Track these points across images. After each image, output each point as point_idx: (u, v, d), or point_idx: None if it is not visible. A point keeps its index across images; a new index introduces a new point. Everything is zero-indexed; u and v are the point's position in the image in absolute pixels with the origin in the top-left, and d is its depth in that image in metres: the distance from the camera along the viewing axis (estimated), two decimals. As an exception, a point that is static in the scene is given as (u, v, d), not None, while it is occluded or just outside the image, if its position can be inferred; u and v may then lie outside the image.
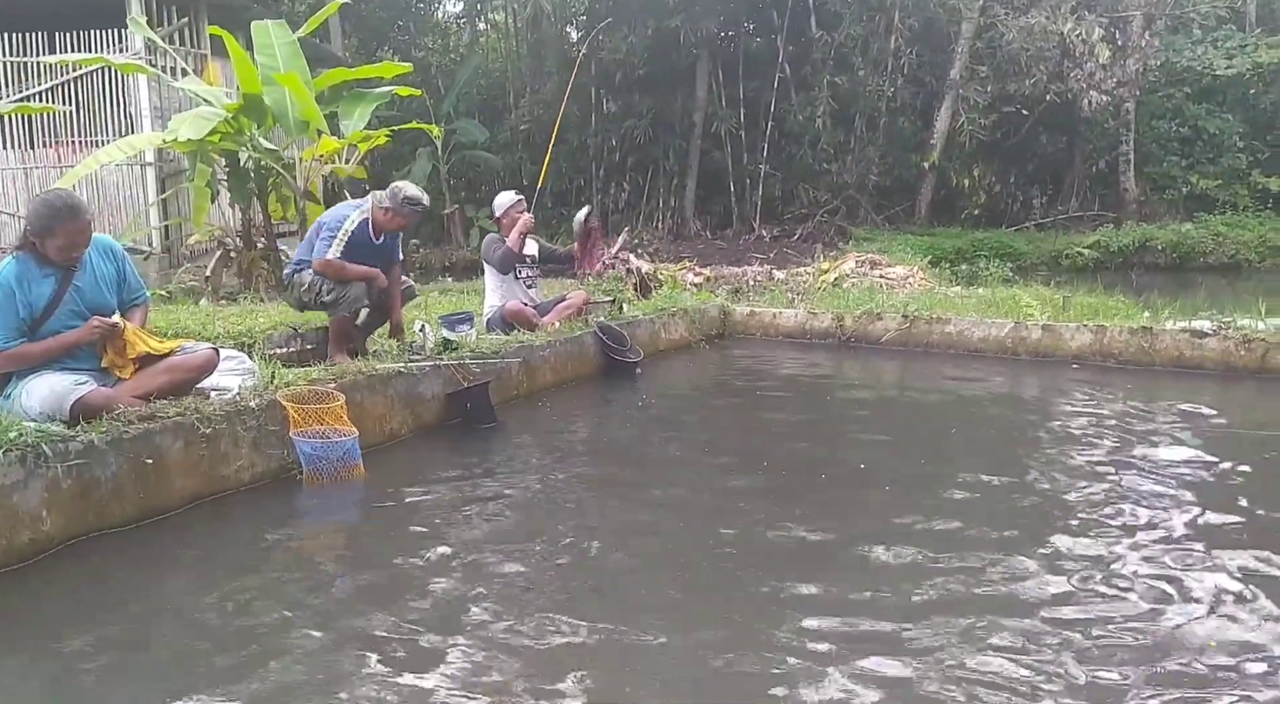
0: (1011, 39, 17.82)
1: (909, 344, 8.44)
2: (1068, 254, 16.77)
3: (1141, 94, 19.23)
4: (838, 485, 4.87)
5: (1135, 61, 18.04)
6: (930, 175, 19.36)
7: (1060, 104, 18.27)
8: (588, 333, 7.43)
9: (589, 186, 20.62)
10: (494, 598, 3.39)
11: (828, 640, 3.07)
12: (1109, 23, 18.14)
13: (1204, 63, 19.90)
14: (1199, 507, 4.33)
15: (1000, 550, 3.84)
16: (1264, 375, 6.85)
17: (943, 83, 18.80)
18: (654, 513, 4.43)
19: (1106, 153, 19.96)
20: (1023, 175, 20.43)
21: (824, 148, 18.86)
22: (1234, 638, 3.08)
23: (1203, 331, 7.27)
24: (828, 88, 18.60)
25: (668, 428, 6.16)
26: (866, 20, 18.47)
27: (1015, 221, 19.46)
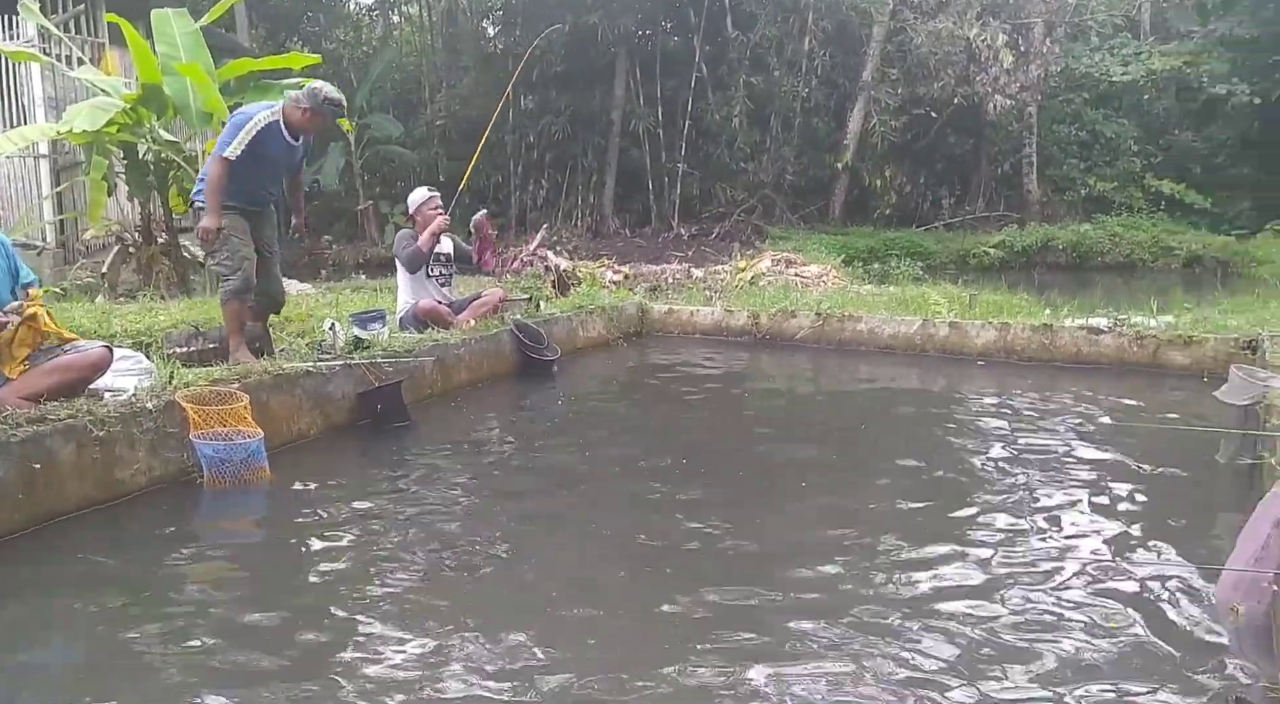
0: (920, 43, 18.29)
1: (822, 341, 8.58)
2: (975, 253, 17.28)
3: (1043, 99, 19.93)
4: (753, 482, 4.92)
5: (1037, 67, 18.70)
6: (843, 175, 19.74)
7: (967, 107, 18.81)
8: (504, 331, 7.36)
9: (507, 184, 20.46)
10: (397, 610, 3.30)
11: (747, 633, 3.11)
12: (1012, 29, 18.75)
13: (1101, 69, 20.73)
14: (1094, 492, 4.51)
15: (914, 538, 3.93)
16: (1155, 370, 7.16)
17: (855, 84, 19.19)
18: (568, 515, 4.41)
19: (1011, 155, 20.63)
20: (932, 176, 20.98)
21: (741, 147, 19.06)
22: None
23: (1099, 329, 7.57)
24: (744, 87, 18.80)
25: (584, 427, 6.14)
26: (781, 21, 18.73)
27: (925, 221, 19.97)
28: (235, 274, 5.77)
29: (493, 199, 20.66)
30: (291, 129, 5.84)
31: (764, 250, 15.18)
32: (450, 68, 21.16)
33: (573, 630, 3.16)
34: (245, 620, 3.22)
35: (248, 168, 5.72)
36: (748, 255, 14.69)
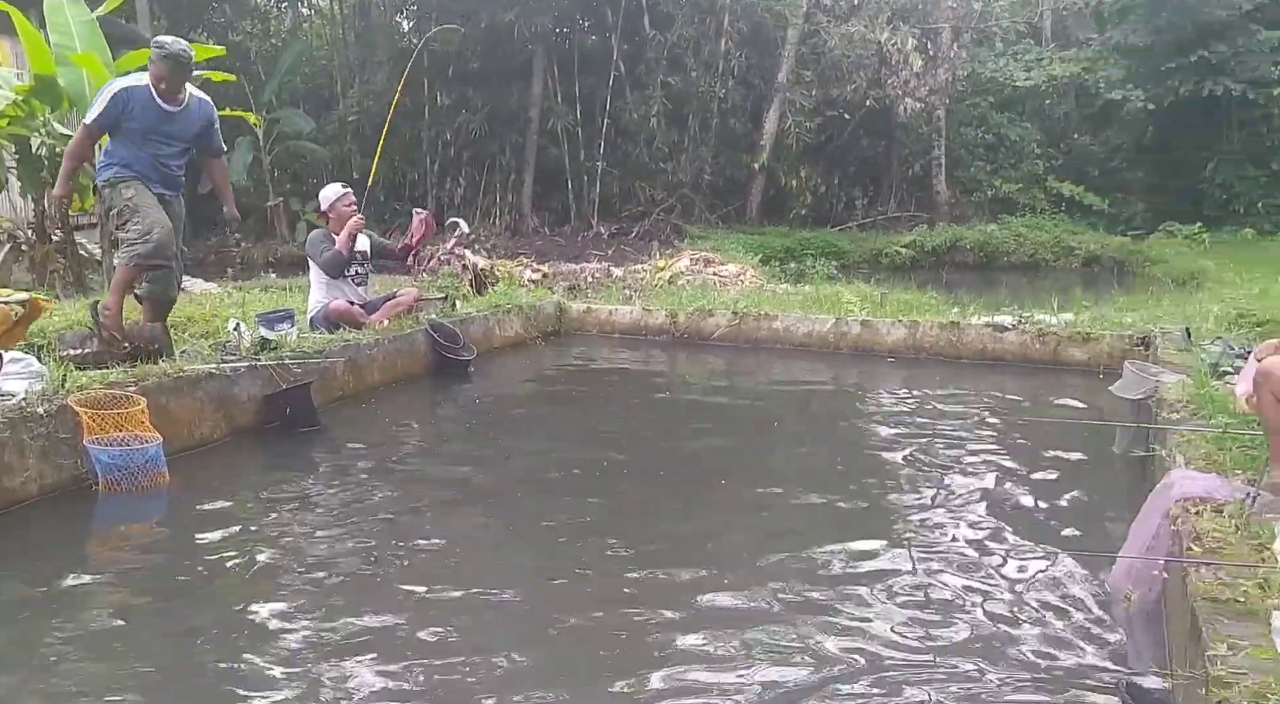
0: (834, 46, 18.61)
1: (739, 340, 8.67)
2: (887, 253, 17.64)
3: (951, 102, 20.47)
4: (673, 481, 4.94)
5: (945, 71, 19.20)
6: (760, 176, 19.96)
7: (879, 109, 19.20)
8: (419, 331, 7.25)
9: (423, 181, 20.14)
10: (300, 626, 3.22)
11: (670, 630, 3.11)
12: (921, 34, 19.22)
13: (1005, 74, 21.39)
14: (996, 484, 4.65)
15: (830, 530, 4.00)
16: (1056, 366, 7.43)
17: (770, 86, 19.42)
18: (483, 519, 4.35)
19: (921, 157, 21.14)
20: (846, 177, 21.36)
21: (659, 147, 19.12)
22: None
23: (1003, 326, 7.81)
24: (661, 87, 18.86)
25: (500, 428, 6.08)
26: (698, 22, 18.84)
27: (839, 221, 20.32)
28: (144, 239, 5.43)
29: (408, 197, 20.32)
30: (160, 93, 5.48)
31: (683, 249, 15.24)
32: (363, 62, 20.72)
33: (477, 643, 3.12)
34: (137, 635, 3.10)
35: (129, 139, 5.48)
36: (667, 254, 14.73)
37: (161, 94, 5.48)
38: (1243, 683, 2.10)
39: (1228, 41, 17.89)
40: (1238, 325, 7.14)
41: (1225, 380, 4.89)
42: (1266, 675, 2.13)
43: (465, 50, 18.82)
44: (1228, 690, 2.08)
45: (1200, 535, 2.95)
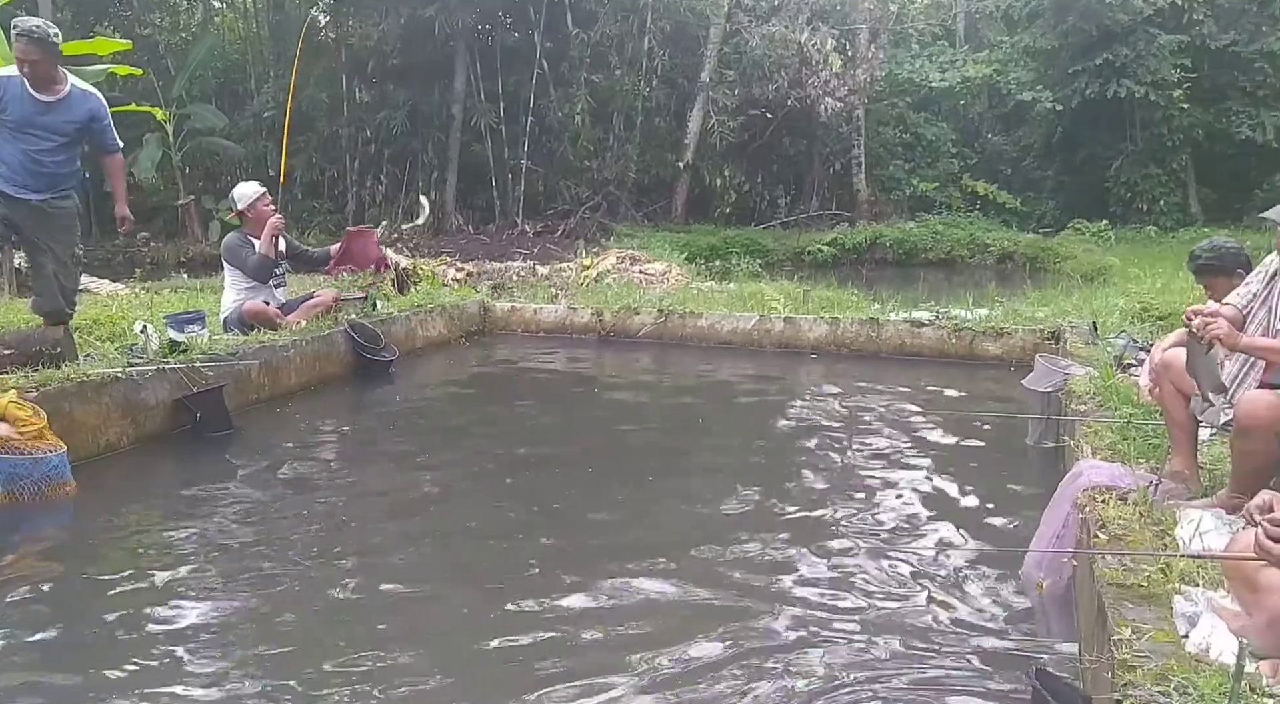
0: (755, 46, 18.80)
1: (664, 337, 8.70)
2: (809, 251, 17.90)
3: (870, 102, 20.86)
4: (600, 479, 4.92)
5: (863, 72, 19.55)
6: (685, 174, 20.06)
7: (800, 109, 19.46)
8: (338, 331, 7.09)
9: (343, 178, 19.74)
10: (210, 636, 3.12)
11: (600, 626, 3.10)
12: (840, 34, 19.54)
13: (921, 75, 21.89)
14: (913, 476, 4.75)
15: (752, 523, 4.03)
16: (972, 360, 7.62)
17: (694, 85, 19.53)
18: (405, 522, 4.27)
19: (841, 156, 21.49)
20: (769, 176, 21.61)
21: (584, 145, 19.07)
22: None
23: (921, 322, 7.99)
24: (586, 85, 18.82)
25: (422, 430, 5.99)
26: (621, 20, 18.84)
27: (763, 220, 20.55)
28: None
29: (328, 195, 19.91)
30: (31, 82, 5.08)
31: (609, 248, 15.25)
32: (278, 57, 20.20)
33: (400, 647, 3.06)
34: (36, 649, 2.96)
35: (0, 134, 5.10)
36: (593, 253, 14.70)
37: (33, 83, 5.07)
38: (1146, 666, 2.17)
39: (1129, 45, 18.60)
40: (1141, 319, 7.43)
41: (1129, 372, 5.08)
42: (1169, 658, 2.21)
43: (385, 46, 18.50)
44: (1132, 674, 2.15)
45: (1106, 523, 3.05)
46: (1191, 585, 2.63)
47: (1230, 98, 19.51)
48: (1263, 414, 3.05)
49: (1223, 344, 3.21)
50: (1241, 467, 3.17)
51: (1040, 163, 22.15)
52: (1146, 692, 2.06)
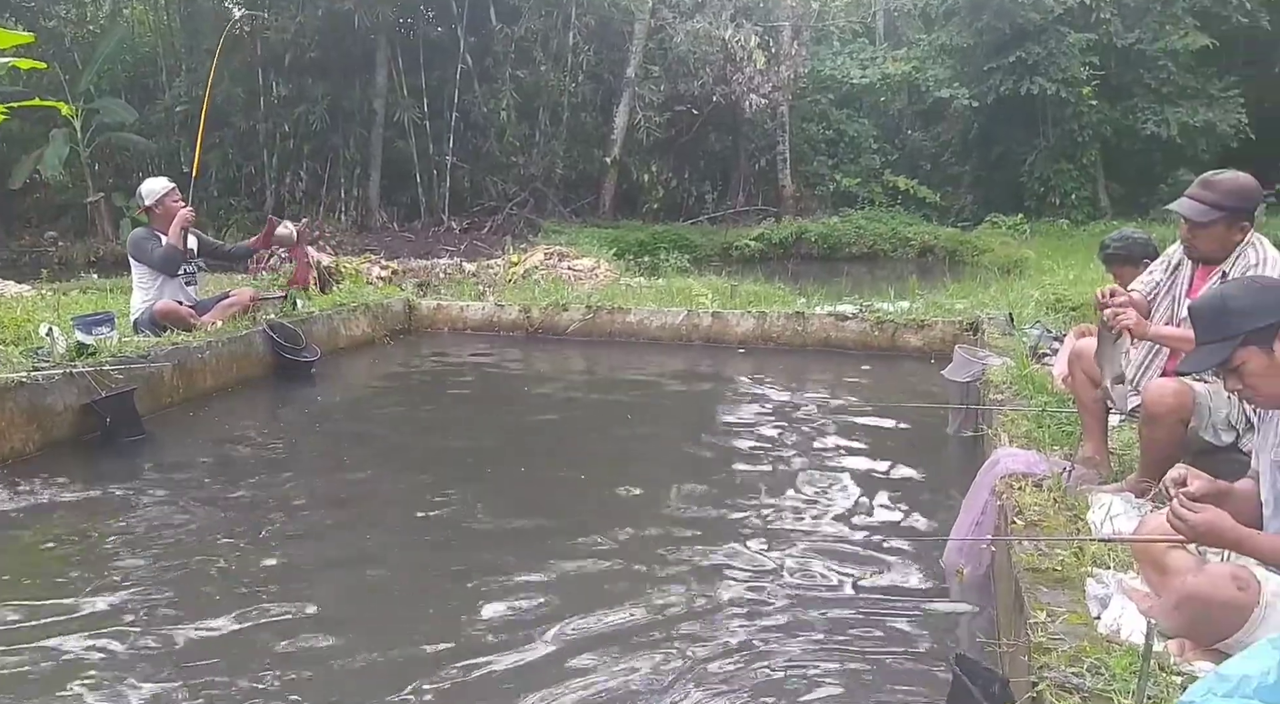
0: (680, 42, 18.86)
1: (593, 334, 8.67)
2: (737, 246, 18.03)
3: (793, 98, 21.09)
4: (531, 477, 4.88)
5: (787, 68, 19.76)
6: (612, 170, 20.03)
7: (725, 105, 19.59)
8: (256, 331, 6.91)
9: (261, 175, 19.23)
10: (121, 645, 3.01)
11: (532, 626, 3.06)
12: (763, 31, 19.72)
13: (843, 72, 22.21)
14: (837, 466, 4.82)
15: (679, 515, 4.04)
16: (894, 352, 7.77)
17: (620, 81, 19.50)
18: (326, 530, 4.16)
19: (766, 152, 21.70)
20: (696, 171, 21.71)
21: (510, 140, 18.91)
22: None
23: (845, 315, 8.11)
24: (511, 81, 18.65)
25: (344, 431, 5.87)
26: (545, 16, 18.72)
27: (691, 215, 20.64)
28: None
29: (245, 192, 19.38)
30: None
31: (537, 244, 15.15)
32: (191, 50, 19.58)
33: (319, 659, 2.99)
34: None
35: None
36: (520, 249, 14.58)
37: None
38: (1060, 648, 2.23)
39: (1041, 43, 19.14)
40: (1055, 310, 7.65)
41: (1044, 362, 5.23)
42: (1082, 640, 2.27)
43: (302, 39, 18.07)
44: (1047, 656, 2.20)
45: (1022, 509, 3.13)
46: (1103, 568, 2.71)
47: (1136, 95, 20.23)
48: (1169, 401, 3.17)
49: (1132, 334, 3.32)
50: (1149, 452, 3.28)
51: (958, 158, 22.67)
52: (1061, 673, 2.12)
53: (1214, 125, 19.60)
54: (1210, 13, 19.79)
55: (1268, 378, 2.18)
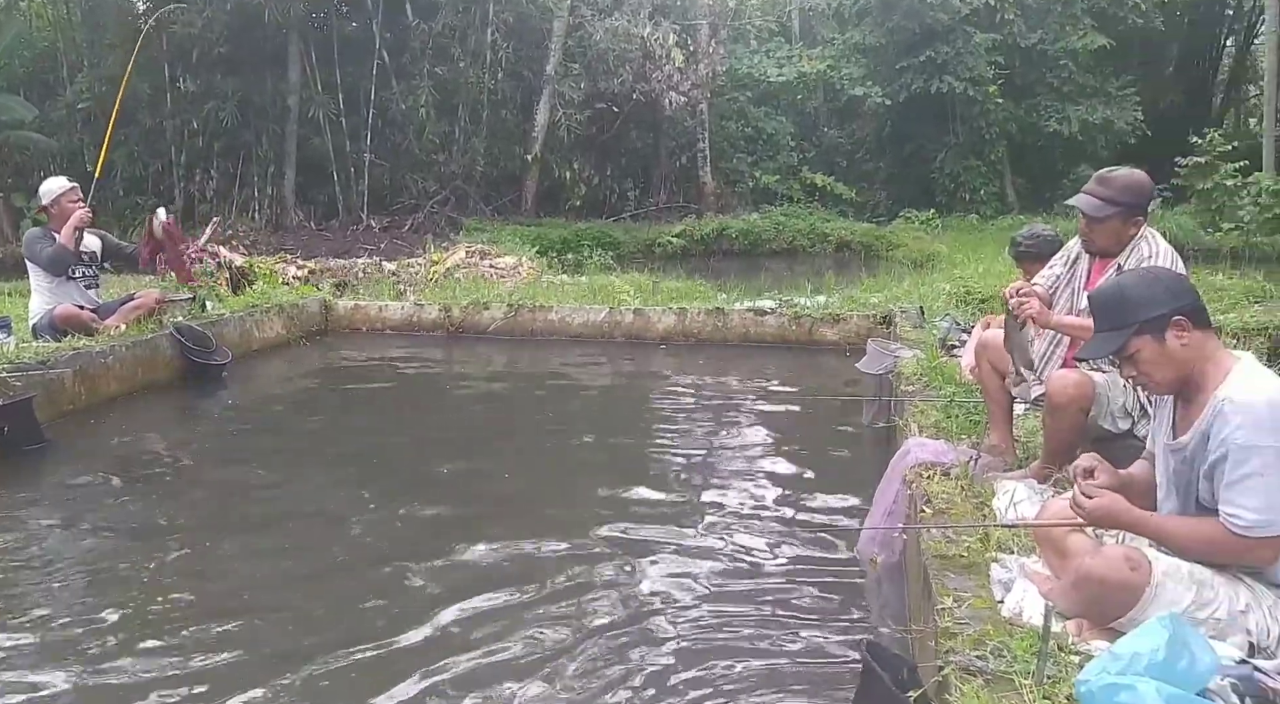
0: (599, 39, 18.85)
1: (515, 332, 8.63)
2: (659, 243, 18.11)
3: (712, 97, 21.28)
4: (455, 479, 4.82)
5: (705, 66, 19.93)
6: (534, 167, 19.93)
7: (646, 103, 19.65)
8: (163, 334, 6.69)
9: (169, 173, 18.60)
10: (25, 662, 2.89)
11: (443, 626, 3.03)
12: (681, 30, 19.85)
13: (760, 71, 22.49)
14: (756, 458, 4.89)
15: (600, 512, 4.05)
16: (811, 346, 7.90)
17: (540, 78, 19.40)
18: (234, 541, 4.04)
19: (687, 149, 21.85)
20: (618, 169, 21.75)
21: (430, 138, 18.66)
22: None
23: (764, 310, 8.22)
24: (429, 77, 18.39)
25: (255, 437, 5.71)
26: (462, 12, 18.52)
27: (614, 212, 20.67)
28: None
29: (153, 190, 18.72)
30: None
31: (459, 242, 15.00)
32: (92, 45, 18.84)
33: (222, 677, 2.92)
34: None
35: None
36: (442, 248, 14.41)
37: None
38: (966, 632, 2.30)
39: (949, 43, 19.69)
40: (965, 302, 7.89)
41: (953, 353, 5.37)
42: (986, 624, 2.35)
43: (210, 34, 17.53)
44: (953, 640, 2.27)
45: (931, 498, 3.22)
46: (1007, 553, 2.80)
47: (1039, 93, 20.94)
48: (1071, 391, 3.29)
49: (1035, 322, 3.45)
50: (1052, 440, 3.41)
51: (873, 155, 23.17)
52: (965, 657, 2.18)
53: (1112, 122, 20.41)
54: (1107, 14, 20.60)
55: (1159, 365, 2.27)
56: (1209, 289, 7.91)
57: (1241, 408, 2.13)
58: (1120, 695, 1.80)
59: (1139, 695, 1.78)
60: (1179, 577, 2.19)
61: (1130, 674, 1.84)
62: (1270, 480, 2.09)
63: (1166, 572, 2.19)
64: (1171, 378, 2.29)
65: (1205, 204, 16.55)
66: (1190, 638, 1.90)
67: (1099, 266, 3.59)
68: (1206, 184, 16.35)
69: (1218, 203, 16.25)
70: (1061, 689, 2.00)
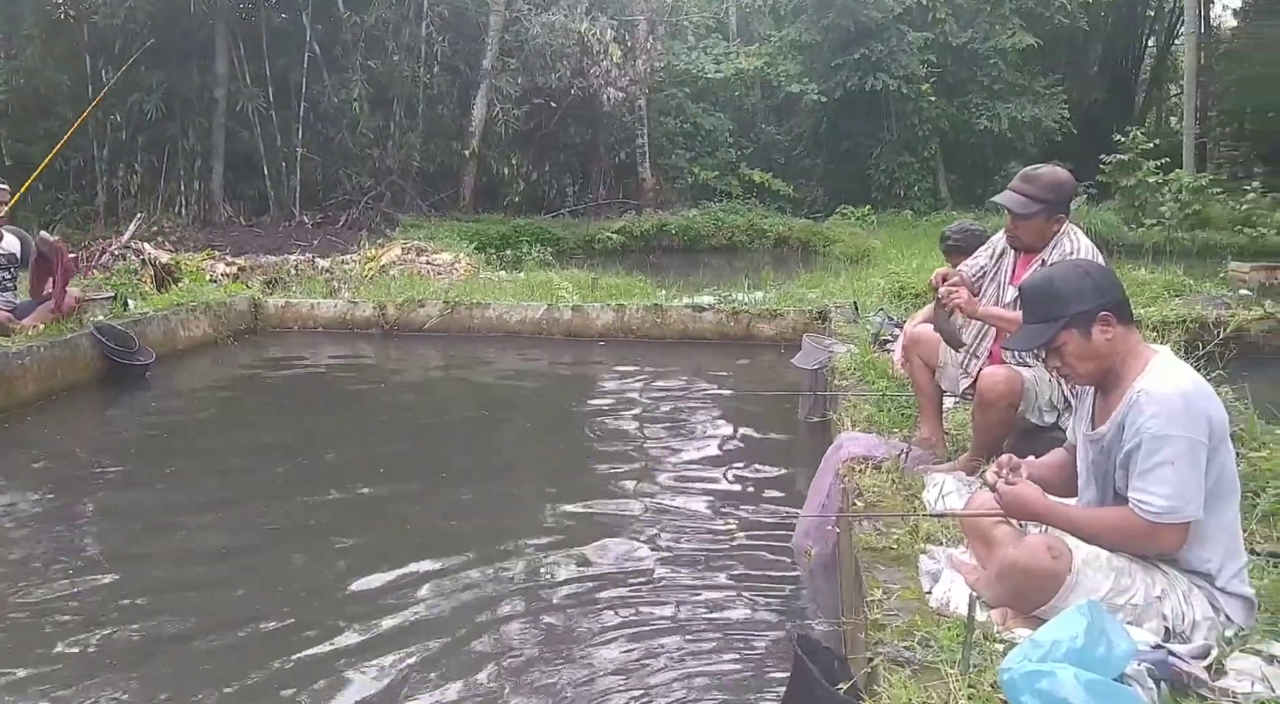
0: (536, 34, 18.74)
1: (452, 329, 8.53)
2: (599, 239, 18.07)
3: (651, 92, 21.29)
4: (391, 481, 4.75)
5: (643, 62, 19.93)
6: (472, 163, 19.73)
7: (584, 98, 19.59)
8: (83, 334, 6.47)
9: (91, 168, 18.01)
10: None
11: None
12: (619, 25, 19.81)
13: (698, 67, 22.56)
14: (695, 452, 4.91)
15: (548, 511, 4.01)
16: (749, 341, 7.95)
17: (477, 72, 19.22)
18: (156, 547, 3.92)
19: (626, 145, 21.82)
20: (557, 164, 21.63)
21: (364, 132, 18.36)
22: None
23: (702, 307, 8.25)
24: (362, 70, 18.08)
25: (180, 441, 5.55)
26: (396, 4, 18.26)
27: (553, 208, 20.55)
28: None
29: (74, 186, 18.13)
30: None
31: (395, 239, 14.78)
32: (8, 36, 18.15)
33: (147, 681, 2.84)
34: None
35: None
36: (377, 244, 14.19)
37: None
38: (894, 623, 2.33)
39: (883, 41, 19.97)
40: (899, 297, 8.00)
41: (886, 348, 5.45)
42: (914, 614, 2.38)
43: (133, 24, 17.01)
44: (882, 632, 2.30)
45: (862, 491, 3.26)
46: (936, 545, 2.85)
47: (971, 91, 21.37)
48: (1000, 388, 3.36)
49: (962, 312, 3.51)
50: (981, 433, 3.47)
51: (809, 151, 23.39)
52: (894, 647, 2.21)
53: (1040, 120, 20.91)
54: (1035, 14, 21.09)
55: (1083, 358, 2.31)
56: (1132, 283, 8.14)
57: (1156, 399, 2.18)
58: (1041, 682, 1.84)
59: (1058, 682, 1.82)
60: (1098, 565, 2.24)
61: (1050, 661, 1.87)
62: (1181, 470, 2.14)
63: (1086, 560, 2.24)
64: (1093, 370, 2.33)
65: (1128, 200, 17.05)
66: (1108, 625, 1.94)
67: (1024, 262, 3.66)
68: (1129, 181, 16.85)
69: (1140, 199, 16.76)
70: (986, 677, 2.03)
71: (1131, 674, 1.95)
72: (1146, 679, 1.96)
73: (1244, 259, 12.47)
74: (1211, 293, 8.62)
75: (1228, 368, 4.26)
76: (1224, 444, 2.23)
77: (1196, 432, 2.15)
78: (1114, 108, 24.84)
